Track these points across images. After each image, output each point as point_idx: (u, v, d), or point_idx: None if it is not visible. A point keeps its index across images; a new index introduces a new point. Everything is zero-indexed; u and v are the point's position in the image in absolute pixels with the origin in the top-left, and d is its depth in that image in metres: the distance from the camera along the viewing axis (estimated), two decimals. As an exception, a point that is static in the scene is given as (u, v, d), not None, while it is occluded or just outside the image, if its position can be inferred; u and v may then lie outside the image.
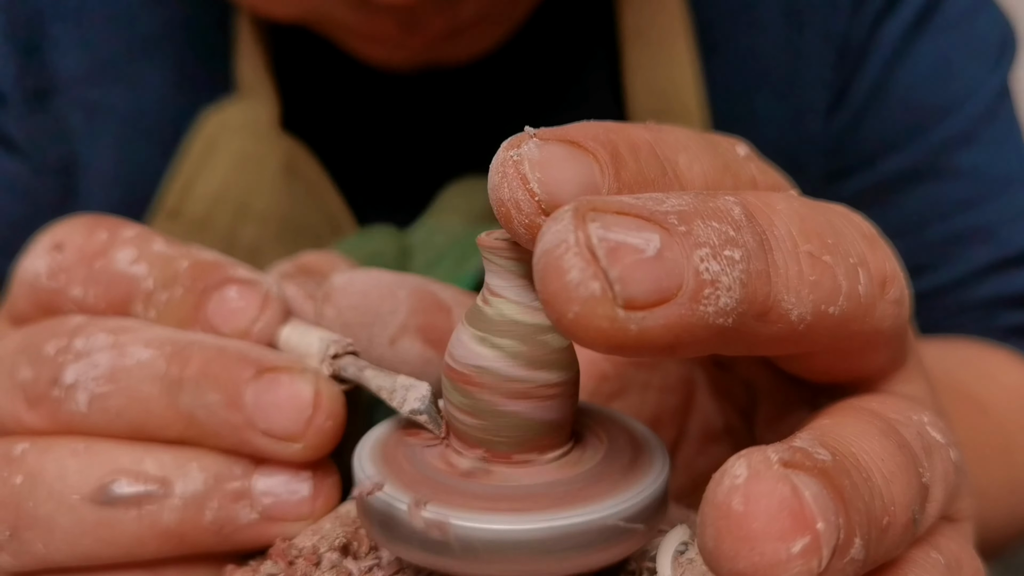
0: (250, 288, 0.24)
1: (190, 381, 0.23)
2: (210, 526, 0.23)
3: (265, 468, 0.23)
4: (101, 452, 0.23)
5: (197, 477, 0.23)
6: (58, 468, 0.23)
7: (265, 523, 0.23)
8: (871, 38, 0.51)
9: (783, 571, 0.15)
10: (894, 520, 0.18)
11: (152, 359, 0.23)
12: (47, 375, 0.23)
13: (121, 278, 0.25)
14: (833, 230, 0.19)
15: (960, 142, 0.52)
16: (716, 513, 0.16)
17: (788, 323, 0.18)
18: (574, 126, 0.19)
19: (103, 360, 0.23)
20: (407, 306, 0.26)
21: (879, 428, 0.19)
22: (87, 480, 0.23)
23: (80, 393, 0.23)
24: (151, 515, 0.23)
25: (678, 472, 0.28)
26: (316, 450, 0.23)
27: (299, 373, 0.23)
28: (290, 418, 0.23)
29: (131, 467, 0.23)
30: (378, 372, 0.23)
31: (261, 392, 0.23)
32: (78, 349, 0.23)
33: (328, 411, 0.23)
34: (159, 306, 0.25)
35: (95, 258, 0.25)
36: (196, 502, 0.23)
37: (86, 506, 0.23)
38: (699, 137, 0.21)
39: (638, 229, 0.16)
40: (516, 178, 0.18)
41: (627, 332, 0.16)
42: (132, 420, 0.23)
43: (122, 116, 0.49)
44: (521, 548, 0.19)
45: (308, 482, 0.23)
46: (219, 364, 0.23)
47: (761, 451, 0.16)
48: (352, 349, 0.24)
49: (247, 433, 0.23)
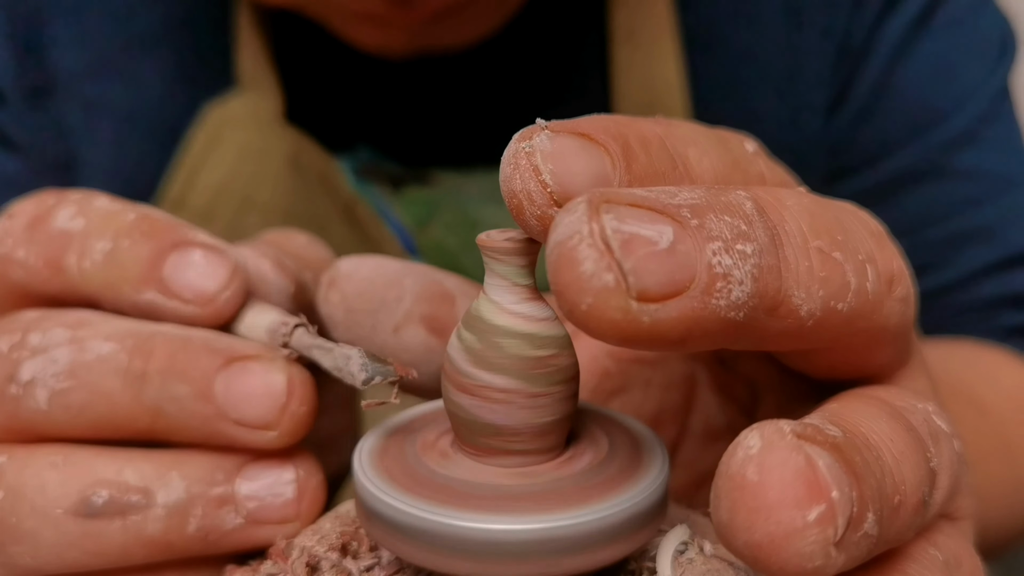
0: (217, 255, 0.24)
1: (156, 374, 0.22)
2: (196, 533, 0.23)
3: (248, 471, 0.23)
4: (80, 463, 0.23)
5: (178, 485, 0.23)
6: (38, 482, 0.22)
7: (251, 527, 0.23)
8: (872, 38, 0.51)
9: (799, 540, 0.15)
10: (905, 500, 0.18)
11: (113, 353, 0.23)
12: (2, 372, 0.23)
13: (58, 234, 0.24)
14: (842, 227, 0.19)
15: (961, 142, 0.52)
16: (730, 484, 0.16)
17: (797, 318, 0.18)
18: (585, 119, 0.19)
19: (62, 356, 0.23)
20: (412, 294, 0.26)
21: (887, 411, 0.19)
22: (68, 493, 0.22)
23: (39, 390, 0.22)
24: (135, 525, 0.22)
25: (680, 470, 0.28)
26: (291, 436, 0.23)
27: (269, 360, 0.23)
28: (264, 406, 0.22)
29: (112, 478, 0.22)
30: (323, 350, 0.23)
31: (231, 381, 0.22)
32: (34, 345, 0.23)
33: (301, 397, 0.23)
34: (95, 256, 0.24)
35: (39, 220, 0.24)
36: (179, 511, 0.22)
37: (69, 520, 0.22)
38: (708, 132, 0.21)
39: (651, 221, 0.16)
40: (528, 169, 0.18)
41: (640, 324, 0.16)
42: (96, 417, 0.23)
43: (121, 113, 0.49)
44: (521, 548, 0.18)
45: (292, 485, 0.23)
46: (185, 356, 0.22)
47: (774, 423, 0.16)
48: (301, 323, 0.24)
49: (219, 424, 0.22)
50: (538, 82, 0.50)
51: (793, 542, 0.15)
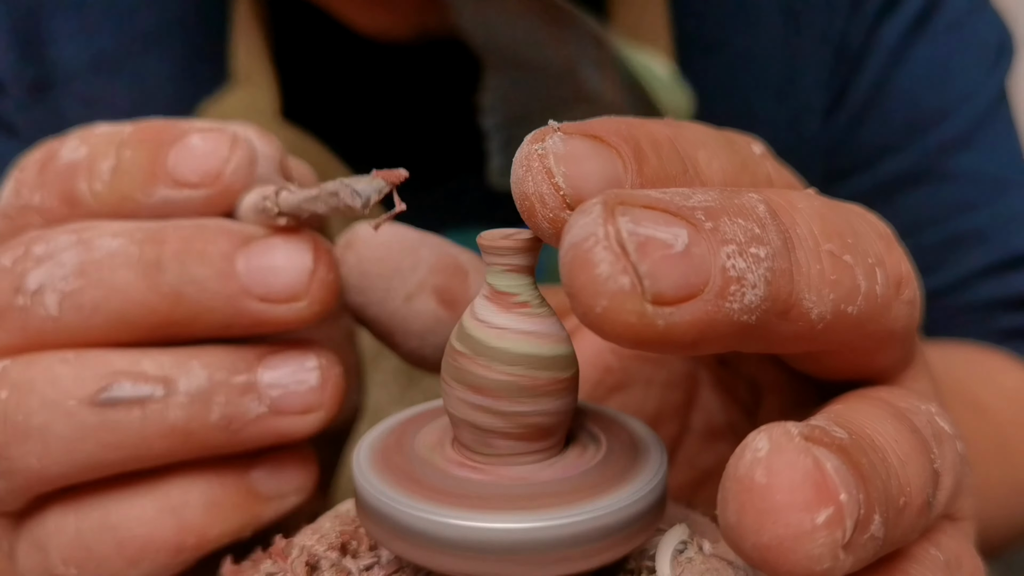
0: (215, 133, 0.23)
1: (172, 260, 0.22)
2: (218, 422, 0.22)
3: (269, 360, 0.23)
4: (94, 357, 0.22)
5: (200, 373, 0.22)
6: (49, 377, 0.22)
7: (274, 417, 0.23)
8: (869, 40, 0.51)
9: (808, 542, 0.15)
10: (910, 501, 0.18)
11: (123, 246, 0.22)
12: (7, 286, 0.22)
13: (65, 168, 0.24)
14: (853, 230, 0.19)
15: (958, 145, 0.52)
16: (738, 487, 0.16)
17: (808, 322, 0.18)
18: (597, 121, 0.19)
19: (69, 258, 0.22)
20: (427, 265, 0.26)
21: (891, 413, 0.19)
22: (83, 385, 0.22)
23: (48, 296, 0.22)
24: (156, 414, 0.22)
25: (680, 468, 0.28)
26: (321, 305, 0.22)
27: (293, 233, 0.22)
28: (290, 276, 0.22)
29: (129, 368, 0.22)
30: (312, 199, 0.22)
31: (253, 257, 0.22)
32: (38, 255, 0.22)
33: (328, 263, 0.23)
34: (104, 176, 0.23)
35: (47, 163, 0.24)
36: (202, 398, 0.22)
37: (85, 410, 0.22)
38: (717, 134, 0.21)
39: (667, 224, 0.16)
40: (541, 172, 0.18)
41: (654, 328, 0.16)
42: (111, 312, 0.22)
43: (122, 110, 0.49)
44: (520, 547, 0.18)
45: (315, 372, 0.23)
46: (201, 239, 0.22)
47: (781, 426, 0.16)
48: (280, 187, 0.23)
49: (243, 302, 0.22)
50: None
51: (802, 545, 0.15)
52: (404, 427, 0.23)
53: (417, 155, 0.50)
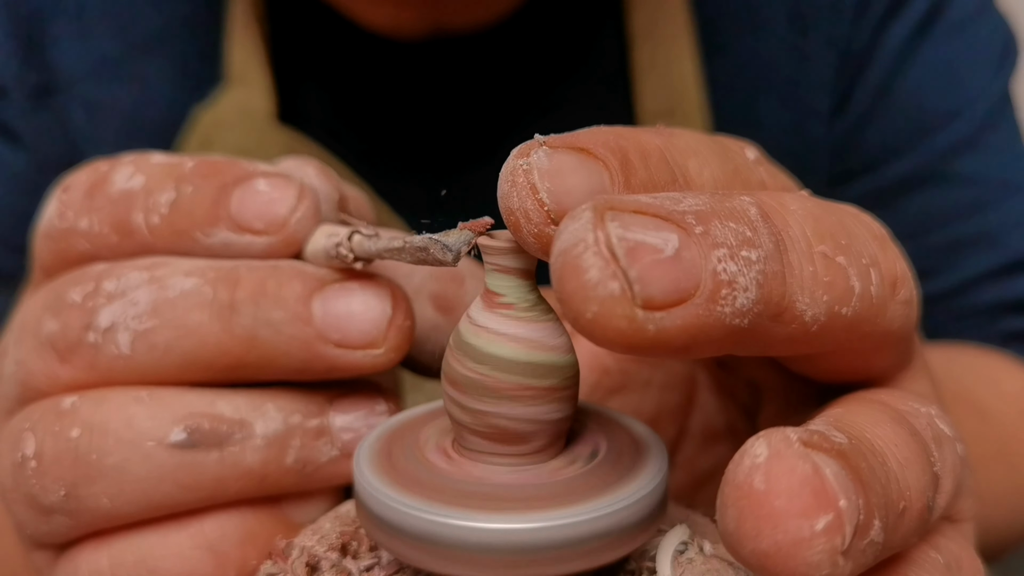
0: (282, 179, 0.23)
1: (246, 302, 0.22)
2: (293, 465, 0.22)
3: (340, 404, 0.23)
4: (170, 397, 0.22)
5: (276, 416, 0.22)
6: (124, 416, 0.22)
7: (345, 460, 0.23)
8: (874, 43, 0.51)
9: (807, 549, 0.15)
10: (910, 506, 0.18)
11: (197, 287, 0.22)
12: (77, 323, 0.22)
13: (120, 195, 0.23)
14: (846, 231, 0.19)
15: (962, 148, 0.52)
16: (737, 493, 0.16)
17: (802, 324, 0.18)
18: (584, 132, 0.19)
19: (142, 296, 0.22)
20: (424, 270, 0.26)
21: (891, 416, 0.19)
22: (160, 425, 0.22)
23: (121, 334, 0.22)
24: (233, 456, 0.22)
25: (679, 471, 0.28)
26: (397, 352, 0.22)
27: (369, 279, 0.22)
28: (368, 322, 0.22)
29: (206, 410, 0.22)
30: (394, 250, 0.21)
31: (330, 302, 0.22)
32: (110, 291, 0.22)
33: (406, 310, 0.22)
34: (162, 209, 0.23)
35: (96, 187, 0.24)
36: (278, 442, 0.22)
37: (164, 451, 0.21)
38: (709, 141, 0.21)
39: (656, 229, 0.16)
40: (526, 187, 0.18)
41: (645, 332, 0.16)
42: (184, 353, 0.22)
43: (124, 114, 0.49)
44: (520, 548, 0.18)
45: (384, 416, 0.23)
46: (275, 282, 0.22)
47: (780, 431, 0.16)
48: (353, 229, 0.23)
49: (319, 347, 0.22)
50: (555, 65, 0.50)
51: (801, 551, 0.15)
52: (404, 428, 0.23)
53: (422, 153, 0.50)
